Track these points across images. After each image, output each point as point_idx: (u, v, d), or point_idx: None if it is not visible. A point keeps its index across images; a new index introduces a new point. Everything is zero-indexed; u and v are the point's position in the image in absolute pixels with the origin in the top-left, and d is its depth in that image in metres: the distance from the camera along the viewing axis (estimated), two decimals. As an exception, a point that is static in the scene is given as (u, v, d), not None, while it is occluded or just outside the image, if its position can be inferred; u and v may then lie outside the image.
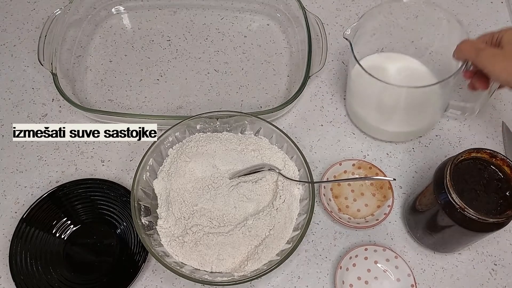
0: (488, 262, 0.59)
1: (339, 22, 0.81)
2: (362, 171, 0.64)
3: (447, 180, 0.47)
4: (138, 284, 0.58)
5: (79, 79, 0.74)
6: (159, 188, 0.60)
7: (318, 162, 0.66)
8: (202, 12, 0.82)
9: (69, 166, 0.67)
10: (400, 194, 0.64)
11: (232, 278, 0.53)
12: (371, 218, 0.61)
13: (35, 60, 0.73)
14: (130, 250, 0.59)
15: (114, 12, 0.82)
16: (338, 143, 0.68)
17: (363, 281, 0.57)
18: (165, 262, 0.52)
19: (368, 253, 0.58)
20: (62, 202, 0.62)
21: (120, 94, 0.73)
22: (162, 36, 0.79)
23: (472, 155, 0.50)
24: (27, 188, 0.65)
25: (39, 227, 0.60)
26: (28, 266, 0.57)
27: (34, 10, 0.83)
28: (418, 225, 0.58)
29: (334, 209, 0.61)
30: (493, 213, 0.47)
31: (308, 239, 0.60)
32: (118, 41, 0.79)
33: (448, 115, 0.68)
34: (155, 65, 0.76)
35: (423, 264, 0.59)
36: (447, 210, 0.48)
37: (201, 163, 0.61)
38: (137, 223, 0.54)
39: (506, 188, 0.48)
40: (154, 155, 0.60)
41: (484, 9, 0.82)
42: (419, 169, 0.66)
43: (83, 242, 0.60)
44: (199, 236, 0.56)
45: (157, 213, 0.58)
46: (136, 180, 0.57)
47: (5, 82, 0.75)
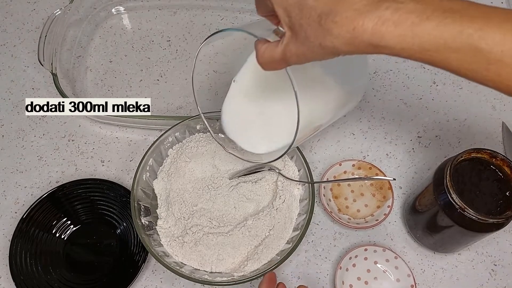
0: (488, 263, 0.59)
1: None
2: (362, 172, 0.64)
3: (447, 180, 0.47)
4: (138, 284, 0.58)
5: (79, 79, 0.74)
6: (159, 188, 0.60)
7: (318, 162, 0.66)
8: (202, 13, 0.82)
9: (69, 166, 0.67)
10: (400, 194, 0.64)
11: (232, 278, 0.53)
12: (371, 219, 0.61)
13: (35, 60, 0.72)
14: (130, 250, 0.59)
15: (114, 12, 0.82)
16: (338, 143, 0.68)
17: (363, 282, 0.57)
18: (165, 262, 0.52)
19: (368, 253, 0.58)
20: (62, 202, 0.62)
21: (120, 94, 0.73)
22: (162, 36, 0.79)
23: (472, 155, 0.50)
24: (27, 188, 0.65)
25: (39, 227, 0.60)
26: (28, 266, 0.57)
27: (34, 10, 0.83)
28: (418, 225, 0.58)
29: (334, 209, 0.61)
30: (493, 213, 0.47)
31: (308, 239, 0.60)
32: (118, 41, 0.79)
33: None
34: (155, 65, 0.76)
35: (423, 265, 0.59)
36: (447, 210, 0.48)
37: (201, 163, 0.61)
38: (137, 223, 0.54)
39: (506, 188, 0.48)
40: (154, 155, 0.60)
41: (484, 10, 0.82)
42: (419, 169, 0.66)
43: (83, 242, 0.60)
44: (198, 236, 0.56)
45: (157, 213, 0.58)
46: (136, 180, 0.57)
47: (5, 82, 0.75)
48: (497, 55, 0.27)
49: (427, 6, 0.28)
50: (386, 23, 0.28)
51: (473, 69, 0.28)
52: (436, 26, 0.27)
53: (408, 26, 0.28)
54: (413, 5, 0.28)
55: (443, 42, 0.28)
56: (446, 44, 0.28)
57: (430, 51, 0.28)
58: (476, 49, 0.27)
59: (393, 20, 0.28)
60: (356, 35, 0.29)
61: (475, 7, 0.28)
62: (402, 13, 0.28)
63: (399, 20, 0.28)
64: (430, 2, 0.28)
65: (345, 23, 0.29)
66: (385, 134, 0.69)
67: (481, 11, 0.28)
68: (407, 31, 0.28)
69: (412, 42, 0.28)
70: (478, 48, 0.27)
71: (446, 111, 0.71)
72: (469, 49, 0.27)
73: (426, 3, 0.28)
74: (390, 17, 0.28)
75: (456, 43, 0.27)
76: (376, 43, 0.29)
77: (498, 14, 0.28)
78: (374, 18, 0.28)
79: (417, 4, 0.28)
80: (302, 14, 0.32)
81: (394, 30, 0.28)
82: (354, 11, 0.29)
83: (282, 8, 0.33)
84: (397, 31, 0.28)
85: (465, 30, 0.27)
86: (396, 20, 0.28)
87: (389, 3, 0.28)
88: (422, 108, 0.71)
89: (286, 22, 0.33)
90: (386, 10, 0.28)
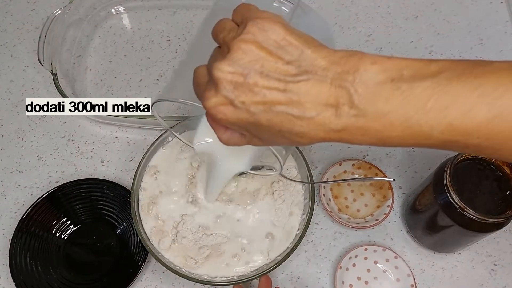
0: (488, 262, 0.59)
1: (338, 22, 0.81)
2: (362, 171, 0.64)
3: (447, 180, 0.47)
4: (138, 284, 0.58)
5: (79, 79, 0.74)
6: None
7: (318, 162, 0.66)
8: (202, 12, 0.82)
9: (69, 166, 0.67)
10: (400, 194, 0.64)
11: (232, 278, 0.53)
12: (371, 218, 0.61)
13: (35, 60, 0.72)
14: (130, 250, 0.59)
15: (114, 12, 0.82)
16: (338, 143, 0.68)
17: (363, 281, 0.57)
18: (165, 262, 0.52)
19: (368, 253, 0.58)
20: (62, 202, 0.62)
21: (120, 94, 0.73)
22: (162, 36, 0.79)
23: (472, 155, 0.50)
24: (27, 188, 0.65)
25: (39, 227, 0.60)
26: (28, 266, 0.57)
27: (34, 10, 0.83)
28: (418, 225, 0.58)
29: (334, 209, 0.61)
30: (493, 213, 0.47)
31: (308, 239, 0.60)
32: (118, 41, 0.79)
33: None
34: (155, 65, 0.76)
35: (423, 264, 0.59)
36: (447, 210, 0.48)
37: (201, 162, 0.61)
38: (137, 223, 0.54)
39: (506, 188, 0.48)
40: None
41: (484, 9, 0.82)
42: (419, 169, 0.66)
43: (83, 242, 0.60)
44: (198, 236, 0.56)
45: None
46: (136, 180, 0.57)
47: (5, 82, 0.75)
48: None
49: (387, 106, 0.26)
50: (350, 134, 0.28)
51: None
52: (401, 131, 0.27)
53: (373, 134, 0.27)
54: (372, 107, 0.27)
55: (407, 139, 0.27)
56: (403, 139, 0.27)
57: (400, 144, 0.28)
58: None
59: (357, 129, 0.28)
60: (325, 140, 0.29)
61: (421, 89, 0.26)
62: (364, 122, 0.27)
63: (363, 129, 0.28)
64: (388, 98, 0.26)
65: (311, 137, 0.29)
66: (385, 134, 0.69)
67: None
68: (373, 139, 0.28)
69: (381, 144, 0.28)
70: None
71: (446, 111, 0.71)
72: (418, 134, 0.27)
73: (385, 101, 0.26)
74: (352, 130, 0.28)
75: (408, 139, 0.27)
76: (347, 143, 0.30)
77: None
78: (336, 131, 0.28)
79: (377, 105, 0.26)
80: (262, 130, 0.30)
81: (360, 138, 0.28)
82: (315, 129, 0.28)
83: (237, 127, 0.31)
84: (363, 139, 0.28)
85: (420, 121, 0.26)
86: (360, 129, 0.28)
87: (347, 109, 0.27)
88: (422, 108, 0.71)
89: (244, 132, 0.32)
90: (348, 120, 0.27)
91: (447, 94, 0.25)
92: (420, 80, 0.26)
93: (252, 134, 0.31)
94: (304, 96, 0.27)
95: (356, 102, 0.26)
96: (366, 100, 0.26)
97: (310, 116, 0.27)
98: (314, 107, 0.27)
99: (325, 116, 0.27)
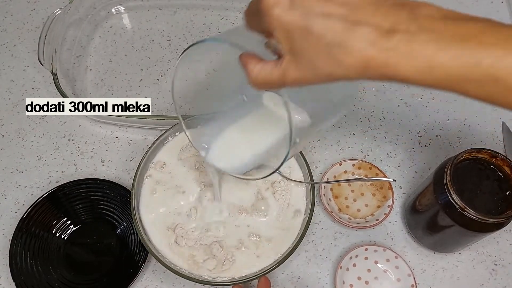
0: (488, 262, 0.59)
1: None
2: (362, 171, 0.64)
3: (447, 180, 0.47)
4: (138, 284, 0.58)
5: (79, 79, 0.74)
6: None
7: (318, 162, 0.66)
8: (202, 12, 0.82)
9: (69, 166, 0.67)
10: (400, 194, 0.64)
11: (232, 278, 0.53)
12: (371, 218, 0.61)
13: (35, 60, 0.72)
14: (130, 250, 0.59)
15: (114, 12, 0.82)
16: (338, 143, 0.68)
17: (363, 281, 0.57)
18: (165, 262, 0.52)
19: (368, 253, 0.58)
20: (62, 202, 0.62)
21: (120, 94, 0.73)
22: (162, 36, 0.79)
23: (472, 155, 0.50)
24: (27, 188, 0.65)
25: (39, 227, 0.60)
26: (28, 266, 0.57)
27: (34, 10, 0.83)
28: (418, 225, 0.58)
29: (334, 209, 0.61)
30: (493, 213, 0.47)
31: (308, 239, 0.60)
32: (118, 41, 0.79)
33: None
34: (155, 65, 0.76)
35: (423, 264, 0.59)
36: (447, 210, 0.48)
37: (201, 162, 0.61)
38: (137, 223, 0.54)
39: (506, 188, 0.48)
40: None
41: (484, 9, 0.82)
42: (419, 169, 0.66)
43: (83, 242, 0.60)
44: (199, 236, 0.56)
45: (157, 213, 0.58)
46: (136, 180, 0.57)
47: (5, 82, 0.75)
48: None
49: (441, 36, 0.27)
50: (399, 55, 0.28)
51: (492, 96, 0.28)
52: (451, 59, 0.27)
53: (422, 59, 0.27)
54: (426, 35, 0.27)
55: (459, 74, 0.27)
56: (463, 76, 0.27)
57: (446, 82, 0.28)
58: (495, 79, 0.26)
59: (406, 52, 0.27)
60: (369, 67, 0.28)
61: (490, 33, 0.27)
62: (415, 45, 0.27)
63: (412, 53, 0.27)
64: (443, 31, 0.27)
65: (357, 55, 0.28)
66: (385, 134, 0.69)
67: (496, 38, 0.27)
68: (421, 63, 0.27)
69: (427, 74, 0.28)
70: (497, 78, 0.26)
71: (446, 111, 0.71)
72: (487, 80, 0.27)
73: (439, 32, 0.27)
74: (403, 50, 0.27)
75: (473, 75, 0.27)
76: (390, 74, 0.29)
77: None
78: (386, 50, 0.28)
79: (430, 34, 0.27)
80: (308, 41, 0.30)
81: (408, 62, 0.28)
82: (366, 42, 0.28)
83: (284, 32, 0.31)
84: (411, 63, 0.28)
85: (483, 61, 0.26)
86: (409, 52, 0.27)
87: (401, 34, 0.28)
88: (422, 107, 0.71)
89: (287, 46, 0.31)
90: (399, 42, 0.27)
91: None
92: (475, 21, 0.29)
93: (292, 52, 0.31)
94: (362, 13, 0.29)
95: (411, 27, 0.28)
96: (422, 26, 0.28)
97: (363, 31, 0.28)
98: (369, 24, 0.28)
99: (380, 32, 0.28)
